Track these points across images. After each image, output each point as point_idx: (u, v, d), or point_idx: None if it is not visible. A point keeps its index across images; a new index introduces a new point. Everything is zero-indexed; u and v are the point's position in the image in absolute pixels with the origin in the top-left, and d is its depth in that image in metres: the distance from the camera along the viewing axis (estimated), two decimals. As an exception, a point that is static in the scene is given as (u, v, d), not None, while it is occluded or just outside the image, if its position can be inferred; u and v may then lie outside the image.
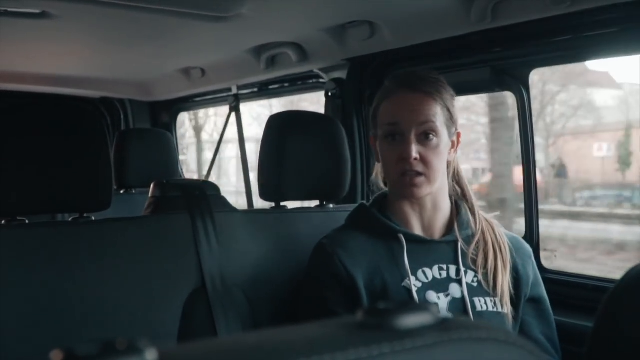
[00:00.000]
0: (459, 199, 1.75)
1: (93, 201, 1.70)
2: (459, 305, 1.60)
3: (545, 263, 2.11)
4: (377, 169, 1.84)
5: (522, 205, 2.14)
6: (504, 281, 1.65)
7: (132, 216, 1.84)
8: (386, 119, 1.65)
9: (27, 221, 1.65)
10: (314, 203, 2.14)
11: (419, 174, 1.60)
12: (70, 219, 1.76)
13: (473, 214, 1.72)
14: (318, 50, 2.50)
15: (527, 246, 1.79)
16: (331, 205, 2.11)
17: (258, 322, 1.80)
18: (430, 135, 1.61)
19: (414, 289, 1.60)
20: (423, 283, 1.62)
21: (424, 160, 1.60)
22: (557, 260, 2.23)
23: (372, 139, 1.76)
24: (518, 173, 2.16)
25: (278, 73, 2.81)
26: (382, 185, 1.83)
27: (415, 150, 1.58)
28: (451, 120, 1.65)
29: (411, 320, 0.44)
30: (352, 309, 1.43)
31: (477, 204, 1.75)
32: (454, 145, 1.69)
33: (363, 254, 1.66)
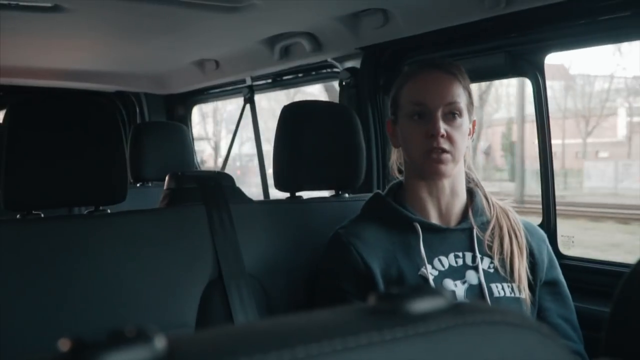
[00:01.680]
0: (473, 185, 1.75)
1: (108, 194, 1.71)
2: (476, 292, 1.60)
3: (563, 249, 2.09)
4: (394, 156, 1.83)
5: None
6: (521, 266, 1.65)
7: (147, 208, 1.85)
8: (411, 98, 1.64)
9: (42, 215, 1.66)
10: (329, 193, 2.14)
11: (445, 151, 1.59)
12: (85, 212, 1.77)
13: (487, 200, 1.72)
14: (331, 39, 2.49)
15: (541, 231, 1.79)
16: (347, 195, 2.10)
17: (275, 312, 1.80)
18: (456, 115, 1.61)
19: (431, 278, 1.60)
20: (439, 271, 1.62)
21: (449, 138, 1.60)
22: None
23: (389, 125, 1.76)
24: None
25: (292, 63, 2.80)
26: (397, 173, 1.82)
27: (442, 127, 1.58)
28: (471, 104, 1.67)
29: (424, 305, 0.44)
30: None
31: (488, 190, 1.75)
32: (470, 132, 1.69)
33: (379, 244, 1.65)
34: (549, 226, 2.07)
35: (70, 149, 1.65)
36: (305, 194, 2.08)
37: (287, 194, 2.04)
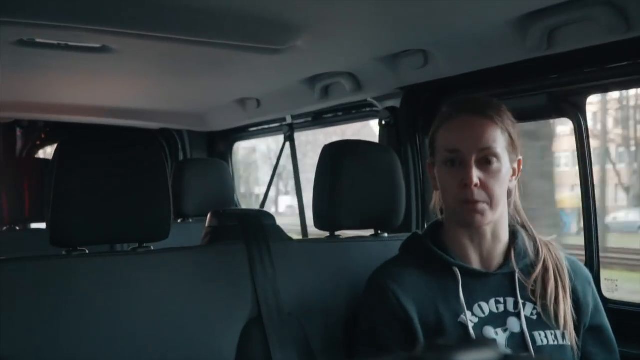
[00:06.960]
0: (517, 227, 1.69)
1: (152, 231, 1.73)
2: (518, 341, 1.54)
3: (607, 293, 2.05)
4: (435, 198, 1.78)
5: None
6: (567, 308, 1.59)
7: (190, 245, 1.87)
8: (445, 144, 1.59)
9: (87, 251, 1.68)
10: (368, 232, 2.14)
11: (480, 201, 1.54)
12: (129, 249, 1.79)
13: (534, 242, 1.66)
14: (372, 79, 2.51)
15: (586, 270, 1.72)
16: (386, 235, 2.10)
17: (314, 352, 1.79)
18: (492, 160, 1.55)
19: (470, 325, 1.55)
20: (480, 318, 1.57)
21: (484, 186, 1.53)
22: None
23: (429, 166, 1.70)
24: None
25: (332, 102, 2.83)
26: (439, 214, 1.76)
27: (476, 176, 1.52)
28: (512, 145, 1.59)
29: (471, 357, 0.44)
30: (408, 343, 1.41)
31: (536, 232, 1.70)
32: (515, 173, 1.63)
33: (417, 288, 1.61)
34: (592, 269, 2.03)
35: (117, 186, 1.67)
36: (344, 233, 2.08)
37: (327, 233, 2.05)
